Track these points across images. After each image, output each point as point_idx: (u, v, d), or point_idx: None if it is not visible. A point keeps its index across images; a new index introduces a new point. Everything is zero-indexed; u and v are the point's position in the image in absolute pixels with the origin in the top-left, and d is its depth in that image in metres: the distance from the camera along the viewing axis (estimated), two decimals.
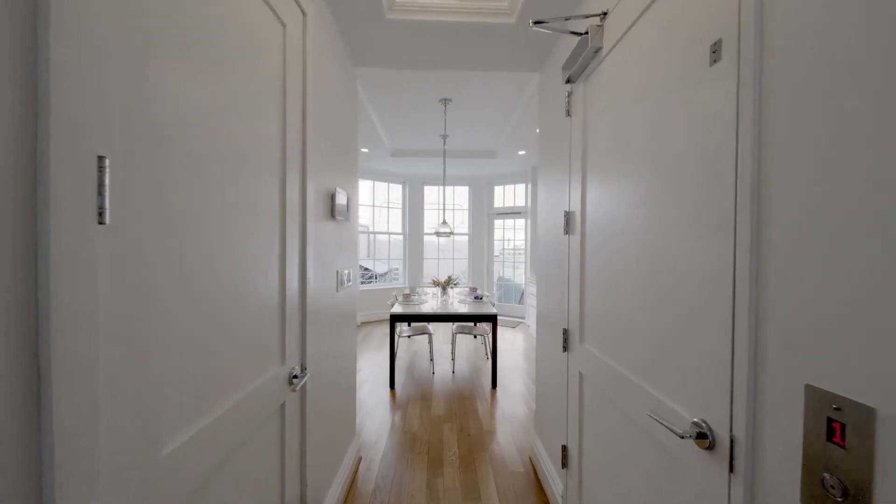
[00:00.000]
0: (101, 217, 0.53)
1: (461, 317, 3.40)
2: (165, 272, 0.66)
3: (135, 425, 0.60)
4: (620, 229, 1.17)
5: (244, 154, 0.92)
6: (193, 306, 0.74)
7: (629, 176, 1.12)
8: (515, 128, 4.17)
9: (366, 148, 5.08)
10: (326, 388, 1.62)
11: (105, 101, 0.54)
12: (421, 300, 4.02)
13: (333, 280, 1.73)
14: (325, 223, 1.60)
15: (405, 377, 3.68)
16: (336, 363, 1.77)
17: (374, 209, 6.64)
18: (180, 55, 0.70)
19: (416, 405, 3.01)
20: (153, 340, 0.64)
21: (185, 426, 0.73)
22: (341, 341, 1.88)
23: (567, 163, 1.66)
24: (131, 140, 0.58)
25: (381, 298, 6.45)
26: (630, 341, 1.11)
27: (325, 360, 1.61)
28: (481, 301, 3.89)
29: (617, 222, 1.19)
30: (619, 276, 1.18)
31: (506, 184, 6.84)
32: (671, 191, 0.91)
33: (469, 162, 5.73)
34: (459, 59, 2.12)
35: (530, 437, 2.49)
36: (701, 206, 0.81)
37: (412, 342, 5.03)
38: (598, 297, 1.34)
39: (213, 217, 0.80)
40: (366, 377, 3.67)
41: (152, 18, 0.63)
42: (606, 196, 1.28)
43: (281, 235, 1.15)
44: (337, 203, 1.69)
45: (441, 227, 4.34)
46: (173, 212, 0.68)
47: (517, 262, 6.92)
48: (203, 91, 0.76)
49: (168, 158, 0.67)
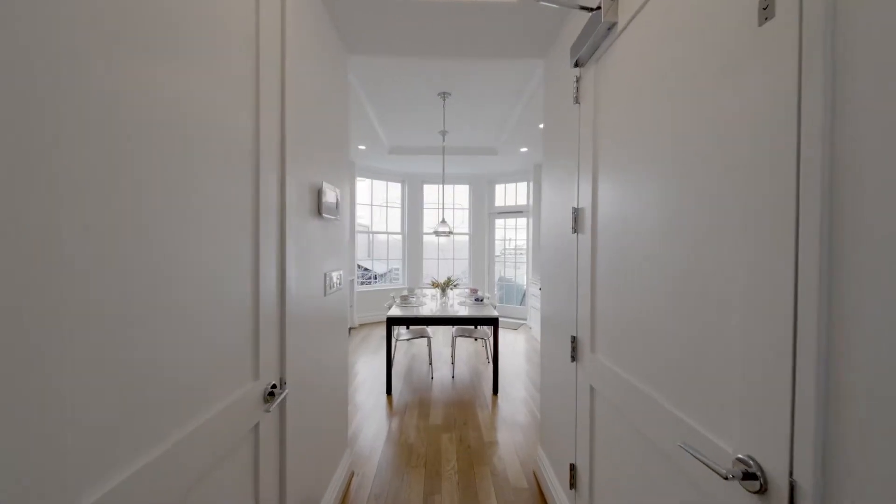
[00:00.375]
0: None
1: (461, 320, 3.26)
2: (89, 279, 0.52)
3: (43, 470, 0.46)
4: (640, 228, 1.03)
5: (204, 143, 0.79)
6: (134, 324, 0.60)
7: (652, 168, 0.97)
8: (517, 123, 4.02)
9: (363, 145, 4.94)
10: (312, 402, 1.48)
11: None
12: (419, 302, 3.88)
13: (320, 283, 1.60)
14: (310, 221, 1.47)
15: (403, 382, 3.54)
16: (324, 373, 1.64)
17: (373, 208, 6.50)
18: (120, 29, 0.56)
19: (414, 413, 2.87)
20: (67, 370, 0.50)
21: (118, 467, 0.59)
22: (330, 349, 1.74)
23: (576, 155, 1.51)
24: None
25: (381, 299, 6.31)
26: (652, 355, 0.97)
27: (311, 371, 1.47)
28: (482, 303, 3.75)
29: (636, 220, 1.05)
30: (639, 279, 1.04)
31: (507, 182, 6.70)
32: (714, 184, 0.77)
33: (469, 159, 5.59)
34: (459, 45, 1.98)
35: (534, 449, 2.35)
36: (751, 203, 0.66)
37: (411, 345, 4.89)
38: (613, 302, 1.20)
39: (161, 215, 0.66)
40: (362, 382, 3.53)
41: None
42: (623, 190, 1.14)
43: (254, 234, 1.01)
44: (324, 200, 1.55)
45: (440, 227, 4.20)
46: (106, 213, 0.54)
47: (518, 262, 6.78)
48: (151, 74, 0.62)
49: (97, 148, 0.53)
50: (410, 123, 4.25)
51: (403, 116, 4.03)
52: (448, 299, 4.02)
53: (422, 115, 3.95)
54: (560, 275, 1.75)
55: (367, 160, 5.76)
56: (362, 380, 3.60)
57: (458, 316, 3.24)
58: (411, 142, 5.03)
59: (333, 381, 1.80)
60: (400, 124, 4.28)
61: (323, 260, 1.63)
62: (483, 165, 6.05)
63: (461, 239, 7.04)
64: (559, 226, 1.77)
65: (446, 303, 3.88)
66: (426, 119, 4.09)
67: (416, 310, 3.50)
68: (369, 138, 4.65)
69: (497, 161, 5.68)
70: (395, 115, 3.99)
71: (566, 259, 1.65)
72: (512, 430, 2.60)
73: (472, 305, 3.69)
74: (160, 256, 0.67)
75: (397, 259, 6.86)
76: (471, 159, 5.57)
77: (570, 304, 1.59)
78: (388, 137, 4.84)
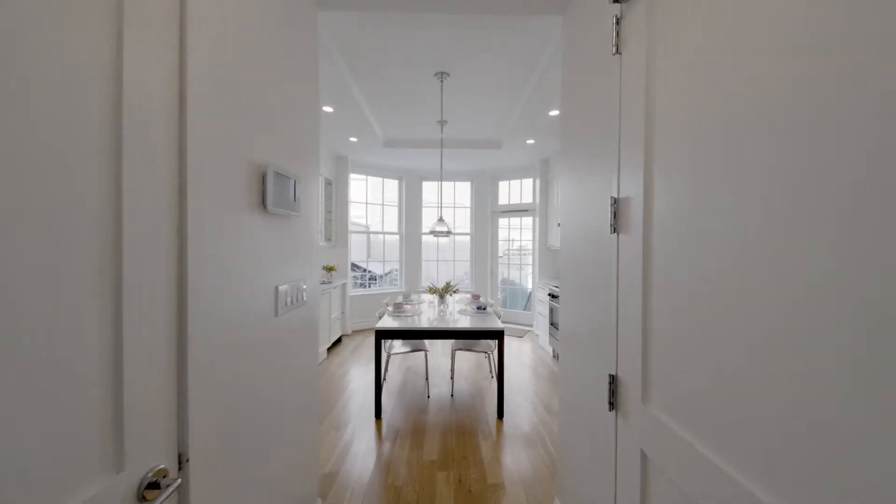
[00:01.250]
0: None
1: (462, 333, 2.84)
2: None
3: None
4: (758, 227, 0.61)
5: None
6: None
7: (784, 137, 0.56)
8: (524, 110, 3.61)
9: (354, 137, 4.54)
10: (251, 466, 1.07)
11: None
12: (415, 310, 3.47)
13: (269, 299, 1.19)
14: (248, 216, 1.06)
15: (395, 401, 3.13)
16: (274, 419, 1.23)
17: (368, 206, 6.09)
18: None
19: (406, 443, 2.46)
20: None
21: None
22: (288, 383, 1.33)
23: (615, 125, 1.10)
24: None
25: (376, 303, 5.91)
26: (762, 423, 0.55)
27: (250, 420, 1.06)
28: (485, 312, 3.33)
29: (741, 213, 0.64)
30: (739, 304, 0.62)
31: (511, 179, 6.28)
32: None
33: (471, 153, 5.18)
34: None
35: (548, 497, 1.94)
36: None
37: (406, 356, 4.48)
38: (687, 332, 0.78)
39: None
40: (348, 401, 3.12)
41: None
42: (709, 169, 0.72)
43: (114, 233, 0.61)
44: (271, 188, 1.15)
45: (437, 226, 3.78)
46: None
47: (524, 263, 6.36)
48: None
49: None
50: (405, 111, 3.84)
51: (397, 102, 3.62)
52: (447, 307, 3.61)
53: (418, 101, 3.54)
54: (588, 286, 1.34)
55: (360, 154, 5.36)
56: (348, 398, 3.19)
57: (459, 329, 2.82)
58: (407, 133, 4.62)
59: (295, 421, 1.39)
60: (394, 112, 3.87)
61: (274, 269, 1.22)
62: (486, 160, 5.64)
63: (462, 240, 6.63)
64: (586, 223, 1.36)
65: (445, 311, 3.46)
66: (423, 106, 3.68)
67: (411, 320, 3.09)
68: (361, 129, 4.25)
69: (501, 155, 5.26)
70: (389, 101, 3.59)
71: (598, 267, 1.24)
72: (520, 467, 2.19)
73: (475, 315, 3.28)
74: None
75: (394, 261, 6.46)
76: (472, 153, 5.16)
77: (604, 326, 1.18)
78: (381, 128, 4.44)
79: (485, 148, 4.91)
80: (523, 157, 5.37)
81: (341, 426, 2.69)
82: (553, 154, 5.18)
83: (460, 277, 6.69)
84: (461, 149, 4.92)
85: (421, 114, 3.91)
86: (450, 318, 3.17)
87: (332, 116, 3.80)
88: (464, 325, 2.88)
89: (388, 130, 4.51)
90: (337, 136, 4.49)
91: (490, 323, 2.94)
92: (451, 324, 2.94)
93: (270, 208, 1.16)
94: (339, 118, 3.86)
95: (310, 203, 1.54)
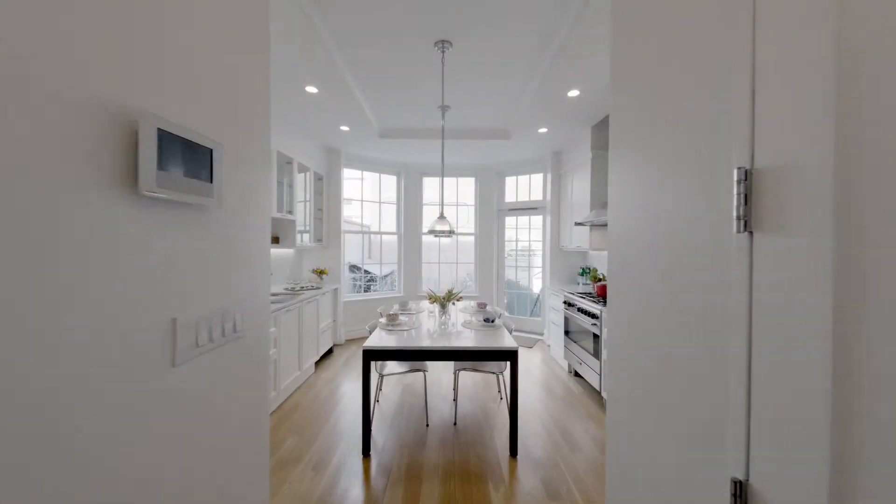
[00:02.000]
0: None
1: (467, 353, 2.37)
2: None
3: None
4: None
5: None
6: None
7: None
8: (539, 91, 3.13)
9: (346, 125, 4.07)
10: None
11: None
12: (412, 322, 3.00)
13: (158, 340, 0.73)
14: (99, 200, 0.60)
15: (388, 430, 2.66)
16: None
17: (364, 204, 5.63)
18: None
19: (398, 491, 1.99)
20: None
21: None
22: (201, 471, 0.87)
23: (741, 37, 0.63)
24: None
25: (373, 311, 5.45)
26: None
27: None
28: (493, 326, 2.86)
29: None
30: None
31: (519, 174, 5.80)
32: None
33: (475, 145, 4.70)
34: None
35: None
36: None
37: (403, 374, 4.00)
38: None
39: None
40: (332, 429, 2.65)
41: None
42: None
43: None
44: (149, 154, 0.68)
45: (438, 224, 3.30)
46: None
47: (531, 265, 5.89)
48: None
49: None
50: (402, 93, 3.37)
51: (391, 82, 3.15)
52: (449, 317, 3.13)
53: (415, 80, 3.07)
54: (667, 315, 0.86)
55: (354, 146, 4.89)
56: (334, 423, 2.73)
57: (463, 348, 2.34)
58: (406, 122, 4.15)
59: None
60: (388, 94, 3.41)
61: (169, 291, 0.76)
62: (491, 154, 5.16)
63: (466, 240, 6.15)
64: (661, 219, 0.88)
65: (447, 322, 2.99)
66: (421, 89, 3.21)
67: (408, 335, 2.62)
68: (352, 115, 3.78)
69: (508, 147, 4.79)
70: (383, 80, 3.12)
71: (700, 289, 0.76)
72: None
73: (481, 328, 2.80)
74: None
75: (392, 263, 5.99)
76: (477, 145, 4.68)
77: (709, 384, 0.70)
78: (376, 116, 3.97)
79: (491, 138, 4.44)
80: (533, 148, 4.90)
81: (321, 465, 2.23)
82: (567, 146, 4.70)
83: (463, 280, 6.22)
84: (464, 139, 4.45)
85: (420, 99, 3.44)
86: (452, 332, 2.69)
87: (317, 98, 3.34)
88: (469, 343, 2.41)
89: (384, 118, 4.04)
90: (326, 123, 4.02)
91: (500, 340, 2.46)
92: (455, 340, 2.47)
93: (158, 193, 0.69)
94: (326, 101, 3.40)
95: (252, 189, 1.08)
